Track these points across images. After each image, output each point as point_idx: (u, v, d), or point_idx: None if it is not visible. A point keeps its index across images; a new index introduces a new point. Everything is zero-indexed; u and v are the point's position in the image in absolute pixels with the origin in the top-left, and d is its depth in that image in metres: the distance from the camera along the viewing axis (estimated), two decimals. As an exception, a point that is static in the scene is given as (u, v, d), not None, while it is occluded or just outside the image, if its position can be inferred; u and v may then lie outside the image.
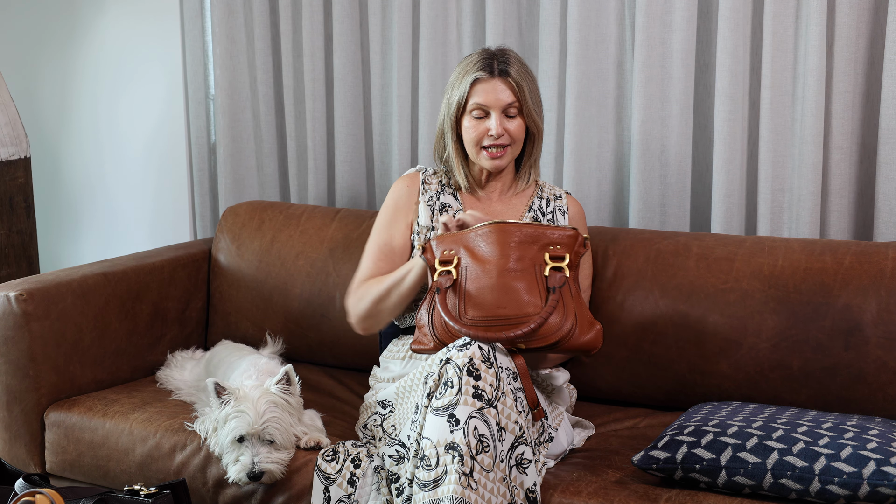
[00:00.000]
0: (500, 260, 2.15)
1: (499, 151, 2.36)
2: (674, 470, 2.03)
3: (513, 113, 2.35)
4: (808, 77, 2.54)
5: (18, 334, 2.58)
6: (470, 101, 2.35)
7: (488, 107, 2.34)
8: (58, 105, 3.70)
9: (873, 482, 1.90)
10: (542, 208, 2.46)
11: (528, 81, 2.36)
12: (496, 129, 2.33)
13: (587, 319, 2.13)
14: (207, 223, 3.42)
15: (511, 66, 2.35)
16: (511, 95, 2.34)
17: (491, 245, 2.17)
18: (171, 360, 2.82)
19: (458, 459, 1.94)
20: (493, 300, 2.12)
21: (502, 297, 2.12)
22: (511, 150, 2.38)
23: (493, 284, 2.14)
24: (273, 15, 3.26)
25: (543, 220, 2.45)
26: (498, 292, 2.13)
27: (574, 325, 2.10)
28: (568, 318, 2.09)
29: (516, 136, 2.37)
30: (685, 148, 2.74)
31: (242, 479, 2.20)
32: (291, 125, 3.25)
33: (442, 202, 2.45)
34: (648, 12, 2.70)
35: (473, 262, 2.17)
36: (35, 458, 2.63)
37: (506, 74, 2.34)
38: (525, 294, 2.12)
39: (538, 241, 2.18)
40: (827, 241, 2.45)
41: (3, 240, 3.23)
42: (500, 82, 2.34)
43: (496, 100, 2.33)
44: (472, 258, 2.18)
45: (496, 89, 2.34)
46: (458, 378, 2.00)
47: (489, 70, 2.34)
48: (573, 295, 2.13)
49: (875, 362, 2.28)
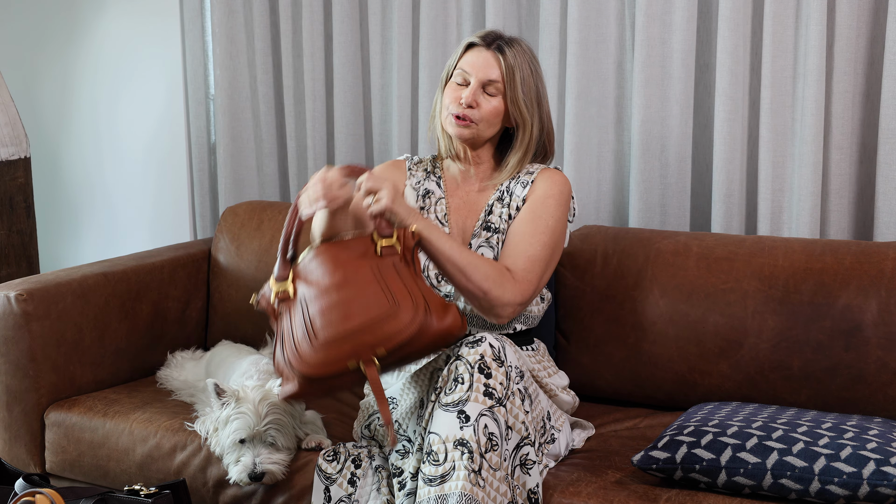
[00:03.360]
0: (333, 277, 2.04)
1: (464, 121, 2.29)
2: (674, 470, 2.03)
3: (493, 92, 2.29)
4: (808, 77, 2.55)
5: (18, 334, 2.58)
6: (457, 66, 2.32)
7: (470, 74, 2.29)
8: (58, 105, 3.70)
9: (873, 482, 1.90)
10: (508, 188, 2.37)
11: (522, 70, 2.30)
12: (467, 97, 2.28)
13: (438, 303, 2.01)
14: (207, 223, 3.42)
15: (510, 47, 2.30)
16: (497, 73, 2.29)
17: (321, 267, 2.06)
18: (171, 360, 2.82)
19: (467, 456, 1.94)
20: (339, 316, 2.00)
21: (346, 310, 2.00)
22: (477, 129, 2.30)
23: (333, 302, 2.02)
24: (273, 15, 3.26)
25: (509, 199, 2.35)
26: (341, 307, 2.01)
27: (418, 312, 1.98)
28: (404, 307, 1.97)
29: (486, 116, 2.29)
30: (685, 148, 2.74)
31: (243, 479, 2.20)
32: (291, 125, 3.25)
33: (426, 188, 2.43)
34: (648, 12, 2.70)
35: (308, 288, 2.05)
36: (35, 458, 2.63)
37: (499, 50, 2.30)
38: (370, 298, 2.00)
39: (363, 245, 2.07)
40: (827, 241, 2.45)
41: (3, 240, 3.23)
42: (491, 56, 2.30)
43: (479, 70, 2.29)
44: (305, 285, 2.06)
45: (484, 60, 2.29)
46: (469, 375, 1.99)
47: (486, 41, 2.31)
48: (412, 278, 2.02)
49: (875, 363, 2.28)
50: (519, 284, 2.20)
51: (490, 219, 2.34)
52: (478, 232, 2.34)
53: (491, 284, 2.15)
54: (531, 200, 2.31)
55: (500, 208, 2.35)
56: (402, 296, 2.00)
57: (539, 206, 2.30)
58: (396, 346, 1.98)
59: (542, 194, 2.31)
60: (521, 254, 2.24)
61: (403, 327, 1.97)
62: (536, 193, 2.32)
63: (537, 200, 2.31)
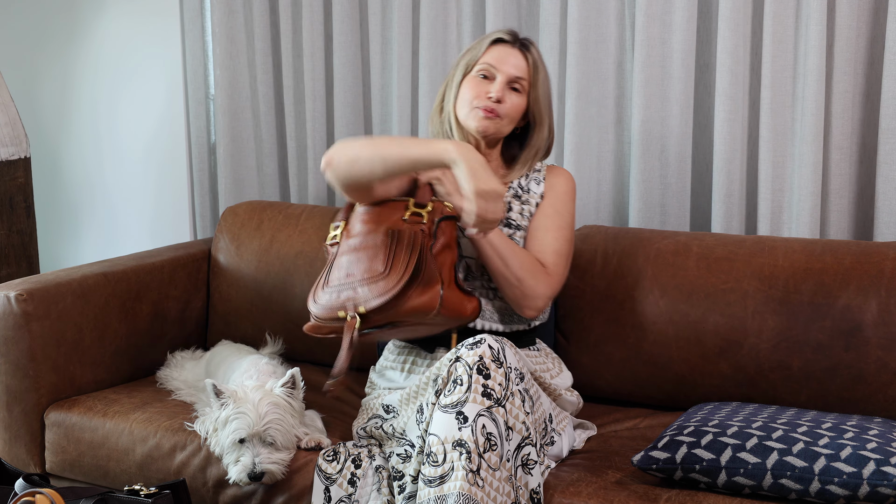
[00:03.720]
0: (359, 234, 2.22)
1: (491, 113, 2.29)
2: (674, 470, 2.03)
3: (518, 88, 2.32)
4: (808, 77, 2.55)
5: (18, 334, 2.58)
6: (481, 60, 2.32)
7: (497, 69, 2.30)
8: (58, 105, 3.70)
9: (873, 482, 1.90)
10: (521, 185, 2.42)
11: (543, 71, 2.35)
12: (497, 92, 2.29)
13: (428, 280, 2.12)
14: (207, 223, 3.42)
15: (533, 47, 2.35)
16: (525, 70, 2.32)
17: (358, 222, 2.25)
18: (171, 360, 2.82)
19: (465, 456, 1.94)
20: (343, 270, 2.20)
21: (350, 265, 2.19)
22: (500, 124, 2.32)
23: (348, 255, 2.21)
24: (273, 15, 3.26)
25: (523, 195, 2.40)
26: (350, 261, 2.20)
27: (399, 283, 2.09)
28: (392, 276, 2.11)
29: (511, 112, 2.32)
30: (685, 148, 2.74)
31: (243, 479, 2.20)
32: (291, 125, 3.25)
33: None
34: (648, 12, 2.70)
35: (345, 239, 2.25)
36: (35, 458, 2.63)
37: (527, 49, 2.34)
38: (371, 260, 2.17)
39: (398, 210, 2.22)
40: (827, 241, 2.45)
41: (3, 240, 3.23)
42: (518, 53, 2.33)
43: (508, 64, 2.30)
44: (346, 236, 2.26)
45: (513, 55, 2.32)
46: (467, 376, 2.00)
47: (513, 39, 2.35)
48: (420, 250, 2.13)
49: (875, 363, 2.28)
50: (550, 277, 2.30)
51: (510, 216, 2.37)
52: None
53: (526, 274, 2.25)
54: (552, 196, 2.38)
55: (519, 205, 2.38)
56: (398, 264, 2.12)
57: (559, 202, 2.38)
58: (373, 309, 2.10)
59: (560, 190, 2.39)
60: (548, 248, 2.32)
61: (380, 293, 2.10)
62: (555, 189, 2.39)
63: (557, 196, 2.38)
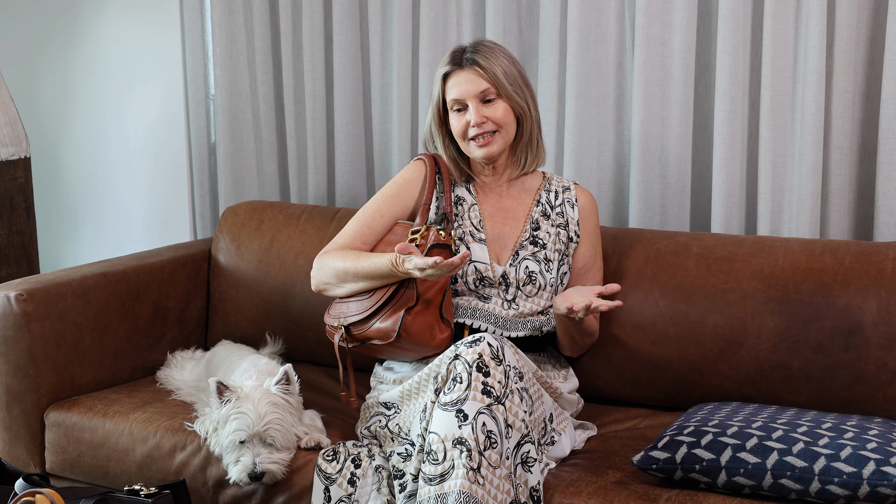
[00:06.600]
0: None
1: (486, 139, 2.35)
2: (674, 470, 2.03)
3: (490, 97, 2.34)
4: (808, 77, 2.55)
5: (18, 334, 2.58)
6: (447, 97, 2.37)
7: (463, 99, 2.34)
8: (58, 105, 3.70)
9: (873, 482, 1.90)
10: (550, 202, 2.46)
11: (501, 65, 2.34)
12: (475, 118, 2.33)
13: (397, 307, 2.28)
14: (207, 223, 3.42)
15: (479, 53, 2.34)
16: (483, 82, 2.33)
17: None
18: (171, 360, 2.82)
19: (465, 454, 1.94)
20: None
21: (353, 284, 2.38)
22: (501, 136, 2.36)
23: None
24: (273, 15, 3.26)
25: (552, 213, 2.44)
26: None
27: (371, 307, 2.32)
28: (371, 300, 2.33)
29: (501, 121, 2.35)
30: (685, 148, 2.74)
31: (243, 479, 2.20)
32: (291, 125, 3.25)
33: (457, 195, 2.45)
34: (648, 12, 2.70)
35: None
36: (35, 458, 2.63)
37: (473, 63, 2.34)
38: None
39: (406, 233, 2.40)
40: (827, 241, 2.45)
41: (3, 240, 3.23)
42: (469, 72, 2.34)
43: (467, 90, 2.33)
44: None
45: (466, 80, 2.34)
46: (467, 374, 2.00)
47: (457, 63, 2.36)
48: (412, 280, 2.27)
49: (875, 363, 2.28)
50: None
51: (537, 234, 2.41)
52: (524, 244, 2.39)
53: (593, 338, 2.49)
54: (588, 230, 2.48)
55: (548, 226, 2.42)
56: (381, 291, 2.29)
57: (594, 236, 2.50)
58: (351, 325, 2.32)
59: (591, 224, 2.49)
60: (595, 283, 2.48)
61: (358, 311, 2.31)
62: (590, 222, 2.49)
63: (592, 230, 2.49)
